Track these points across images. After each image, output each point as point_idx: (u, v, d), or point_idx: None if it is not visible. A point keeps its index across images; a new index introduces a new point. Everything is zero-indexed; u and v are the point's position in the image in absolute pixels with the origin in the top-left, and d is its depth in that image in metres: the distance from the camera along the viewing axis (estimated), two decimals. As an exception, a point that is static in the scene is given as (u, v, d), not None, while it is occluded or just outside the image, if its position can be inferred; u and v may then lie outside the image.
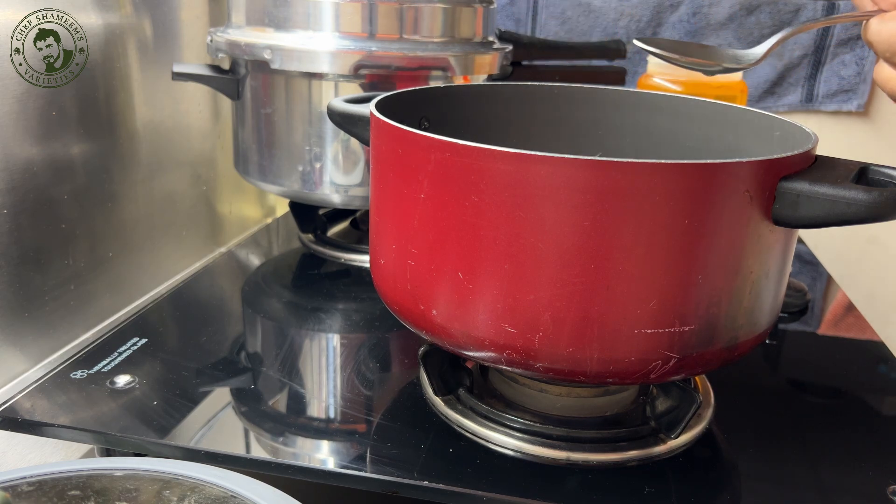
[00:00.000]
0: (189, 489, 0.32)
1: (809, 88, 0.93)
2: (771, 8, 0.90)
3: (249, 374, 0.48)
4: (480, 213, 0.35)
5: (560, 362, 0.36)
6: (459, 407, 0.44)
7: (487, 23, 0.68)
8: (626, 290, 0.34)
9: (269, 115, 0.65)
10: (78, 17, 0.56)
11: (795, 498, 0.38)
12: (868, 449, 0.43)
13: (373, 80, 0.62)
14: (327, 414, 0.45)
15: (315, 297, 0.62)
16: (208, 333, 0.54)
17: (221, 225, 0.82)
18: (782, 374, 0.52)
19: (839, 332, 0.61)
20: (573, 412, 0.43)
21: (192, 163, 0.74)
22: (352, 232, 0.77)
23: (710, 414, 0.45)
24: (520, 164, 0.33)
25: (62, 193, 0.57)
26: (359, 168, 0.65)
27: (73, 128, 0.57)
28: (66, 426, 0.42)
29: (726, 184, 0.33)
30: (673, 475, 0.40)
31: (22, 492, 0.31)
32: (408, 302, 0.39)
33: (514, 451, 0.41)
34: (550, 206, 0.33)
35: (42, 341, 0.56)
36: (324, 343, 0.54)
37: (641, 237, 0.33)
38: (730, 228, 0.34)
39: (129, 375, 0.47)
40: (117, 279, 0.64)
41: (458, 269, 0.36)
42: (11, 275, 0.52)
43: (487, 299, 0.36)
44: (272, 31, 0.62)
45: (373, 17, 0.61)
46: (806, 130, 0.41)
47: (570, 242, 0.33)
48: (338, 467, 0.39)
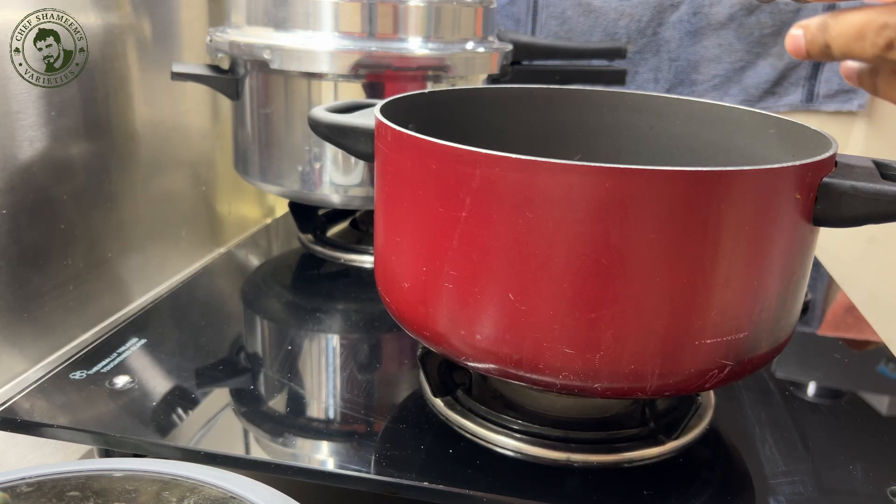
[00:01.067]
0: (188, 490, 0.32)
1: (810, 88, 0.93)
2: (771, 8, 0.90)
3: (249, 374, 0.48)
4: (535, 230, 0.33)
5: (620, 381, 0.35)
6: (459, 408, 0.44)
7: (487, 23, 0.68)
8: (689, 302, 0.34)
9: (268, 115, 0.65)
10: (78, 17, 0.56)
11: (796, 498, 0.38)
12: (868, 449, 0.43)
13: (372, 79, 0.62)
14: (326, 415, 0.45)
15: (314, 297, 0.62)
16: (207, 334, 0.54)
17: (221, 225, 0.81)
18: (782, 374, 0.52)
19: (839, 332, 0.61)
20: (573, 413, 0.43)
21: (191, 163, 0.74)
22: (351, 232, 0.77)
23: (709, 415, 0.45)
24: (580, 177, 0.32)
25: (61, 194, 0.57)
26: (358, 168, 0.65)
27: (72, 128, 0.57)
28: (66, 427, 0.42)
29: (781, 188, 0.33)
30: (673, 476, 0.40)
31: (21, 492, 0.31)
32: (444, 328, 0.37)
33: (513, 451, 0.41)
34: (614, 220, 0.32)
35: (41, 342, 0.56)
36: (323, 343, 0.54)
37: (706, 246, 0.33)
38: (781, 232, 0.34)
39: (129, 376, 0.47)
40: (116, 279, 0.64)
41: (508, 290, 0.34)
42: (10, 275, 0.52)
43: (543, 320, 0.34)
44: (272, 31, 0.62)
45: (372, 16, 0.61)
46: (806, 126, 0.41)
47: (634, 257, 0.32)
48: (337, 468, 0.39)
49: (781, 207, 0.34)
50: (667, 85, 0.93)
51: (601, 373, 0.35)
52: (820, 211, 0.35)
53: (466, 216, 0.34)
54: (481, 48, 0.66)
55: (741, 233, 0.33)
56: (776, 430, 0.45)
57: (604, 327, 0.34)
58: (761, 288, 0.35)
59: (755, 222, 0.33)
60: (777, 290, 0.36)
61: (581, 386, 0.35)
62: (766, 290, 0.35)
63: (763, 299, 0.35)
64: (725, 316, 0.34)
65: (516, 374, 0.36)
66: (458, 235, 0.35)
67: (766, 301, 0.35)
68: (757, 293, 0.35)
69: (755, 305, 0.35)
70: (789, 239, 0.35)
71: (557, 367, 0.35)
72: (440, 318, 0.37)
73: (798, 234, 0.35)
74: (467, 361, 0.38)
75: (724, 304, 0.34)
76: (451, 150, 0.34)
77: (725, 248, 0.33)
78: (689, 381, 0.36)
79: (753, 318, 0.35)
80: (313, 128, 0.45)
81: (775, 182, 0.33)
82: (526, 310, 0.34)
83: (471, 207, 0.34)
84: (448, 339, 0.37)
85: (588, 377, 0.35)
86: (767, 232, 0.34)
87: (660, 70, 0.93)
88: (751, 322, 0.35)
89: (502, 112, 0.53)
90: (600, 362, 0.34)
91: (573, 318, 0.34)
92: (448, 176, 0.34)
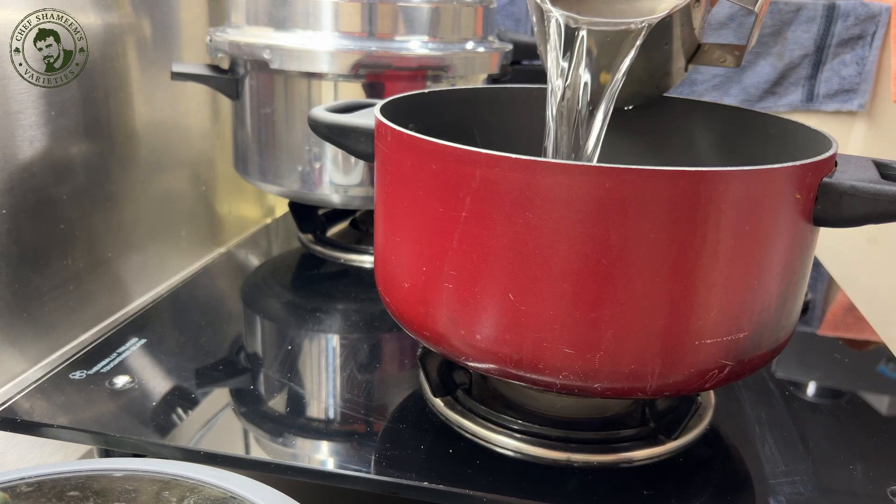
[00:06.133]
0: (188, 490, 0.32)
1: (810, 88, 0.93)
2: (771, 8, 0.90)
3: (249, 374, 0.48)
4: (535, 230, 0.33)
5: (620, 381, 0.35)
6: (459, 408, 0.44)
7: (487, 23, 0.68)
8: (689, 302, 0.34)
9: (268, 114, 0.65)
10: (78, 17, 0.56)
11: (796, 498, 0.38)
12: (868, 449, 0.43)
13: (372, 79, 0.62)
14: (326, 415, 0.45)
15: (314, 297, 0.62)
16: (207, 334, 0.54)
17: (221, 225, 0.81)
18: (782, 374, 0.52)
19: (839, 332, 0.61)
20: (573, 413, 0.43)
21: (191, 163, 0.74)
22: (351, 232, 0.77)
23: (709, 415, 0.45)
24: (580, 177, 0.32)
25: (61, 194, 0.57)
26: (358, 168, 0.65)
27: (72, 128, 0.57)
28: (66, 427, 0.42)
29: (781, 188, 0.33)
30: (673, 476, 0.40)
31: (21, 492, 0.31)
32: (443, 328, 0.37)
33: (513, 451, 0.41)
34: (614, 220, 0.32)
35: (41, 342, 0.56)
36: (323, 343, 0.54)
37: (706, 246, 0.33)
38: (781, 232, 0.34)
39: (129, 376, 0.47)
40: (116, 279, 0.64)
41: (508, 290, 0.34)
42: (10, 275, 0.52)
43: (543, 320, 0.34)
44: (271, 31, 0.62)
45: (372, 16, 0.61)
46: (806, 126, 0.41)
47: (634, 257, 0.32)
48: (337, 468, 0.39)
49: (781, 207, 0.34)
50: (667, 85, 0.93)
51: (601, 373, 0.35)
52: (820, 211, 0.35)
53: (466, 216, 0.34)
54: (481, 48, 0.66)
55: (741, 233, 0.33)
56: (776, 430, 0.45)
57: (604, 327, 0.34)
58: (761, 288, 0.35)
59: (755, 222, 0.33)
60: (777, 290, 0.36)
61: (581, 386, 0.35)
62: (766, 290, 0.35)
63: (763, 299, 0.35)
64: (725, 316, 0.34)
65: (516, 374, 0.36)
66: (458, 235, 0.35)
67: (766, 301, 0.35)
68: (757, 293, 0.35)
69: (755, 305, 0.35)
70: (789, 239, 0.35)
71: (557, 367, 0.35)
72: (440, 318, 0.37)
73: (798, 234, 0.35)
74: (467, 361, 0.38)
75: (724, 304, 0.34)
76: (451, 150, 0.34)
77: (725, 248, 0.33)
78: (689, 381, 0.35)
79: (753, 318, 0.35)
80: (313, 128, 0.45)
81: (775, 182, 0.33)
82: (526, 310, 0.34)
83: (471, 207, 0.34)
84: (448, 339, 0.37)
85: (588, 377, 0.35)
86: (767, 232, 0.34)
87: (660, 70, 0.93)
88: (751, 322, 0.35)
89: (502, 112, 0.53)
90: (600, 362, 0.34)
91: (573, 318, 0.34)
92: (448, 176, 0.34)
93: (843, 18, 0.89)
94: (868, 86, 0.92)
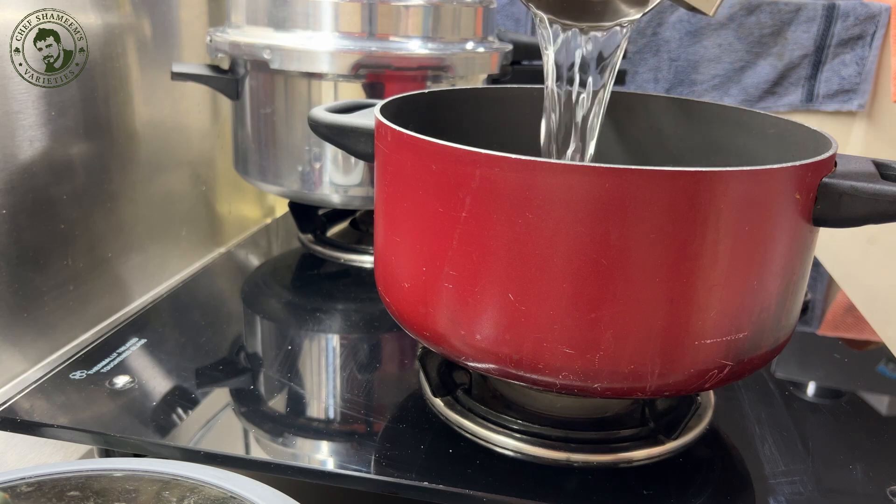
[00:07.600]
0: (188, 490, 0.32)
1: (810, 88, 0.93)
2: (771, 8, 0.90)
3: (249, 374, 0.48)
4: (534, 230, 0.33)
5: (620, 381, 0.35)
6: (459, 408, 0.44)
7: (487, 23, 0.68)
8: (689, 302, 0.34)
9: (268, 115, 0.65)
10: (78, 17, 0.56)
11: (796, 498, 0.38)
12: (868, 449, 0.43)
13: (372, 80, 0.62)
14: (326, 415, 0.45)
15: (314, 297, 0.62)
16: (207, 334, 0.54)
17: (221, 225, 0.81)
18: (782, 374, 0.52)
19: (839, 332, 0.61)
20: (573, 413, 0.43)
21: (191, 163, 0.74)
22: (351, 232, 0.77)
23: (709, 415, 0.45)
24: (580, 177, 0.32)
25: (61, 193, 0.57)
26: (358, 168, 0.65)
27: (72, 128, 0.57)
28: (66, 427, 0.42)
29: (781, 188, 0.33)
30: (673, 476, 0.40)
31: (21, 492, 0.31)
32: (443, 328, 0.37)
33: (513, 451, 0.41)
34: (614, 220, 0.32)
35: (41, 342, 0.56)
36: (323, 343, 0.54)
37: (706, 246, 0.33)
38: (781, 232, 0.34)
39: (129, 376, 0.47)
40: (116, 279, 0.64)
41: (508, 290, 0.34)
42: (10, 275, 0.52)
43: (543, 320, 0.34)
44: (271, 31, 0.62)
45: (372, 16, 0.61)
46: (806, 126, 0.41)
47: (634, 257, 0.32)
48: (337, 468, 0.39)
49: (781, 207, 0.34)
50: (667, 85, 0.93)
51: (601, 373, 0.35)
52: (820, 211, 0.35)
53: (466, 216, 0.34)
54: (481, 48, 0.66)
55: (741, 233, 0.33)
56: (776, 430, 0.45)
57: (604, 327, 0.34)
58: (761, 288, 0.35)
59: (755, 222, 0.33)
60: (777, 290, 0.36)
61: (581, 386, 0.35)
62: (766, 290, 0.35)
63: (763, 299, 0.35)
64: (725, 316, 0.34)
65: (516, 374, 0.36)
66: (458, 235, 0.35)
67: (766, 301, 0.35)
68: (757, 293, 0.35)
69: (755, 305, 0.35)
70: (789, 239, 0.35)
71: (557, 367, 0.35)
72: (440, 318, 0.37)
73: (798, 234, 0.35)
74: (467, 361, 0.38)
75: (724, 304, 0.34)
76: (450, 150, 0.34)
77: (725, 248, 0.33)
78: (688, 381, 0.36)
79: (753, 318, 0.35)
80: (313, 128, 0.45)
81: (775, 182, 0.33)
82: (526, 310, 0.34)
83: (471, 207, 0.34)
84: (448, 339, 0.37)
85: (588, 377, 0.35)
86: (767, 232, 0.34)
87: (660, 70, 0.93)
88: (751, 322, 0.35)
89: (502, 112, 0.53)
90: (600, 362, 0.34)
91: (573, 318, 0.34)
92: (448, 176, 0.34)
93: (842, 18, 0.89)
94: (868, 86, 0.92)
